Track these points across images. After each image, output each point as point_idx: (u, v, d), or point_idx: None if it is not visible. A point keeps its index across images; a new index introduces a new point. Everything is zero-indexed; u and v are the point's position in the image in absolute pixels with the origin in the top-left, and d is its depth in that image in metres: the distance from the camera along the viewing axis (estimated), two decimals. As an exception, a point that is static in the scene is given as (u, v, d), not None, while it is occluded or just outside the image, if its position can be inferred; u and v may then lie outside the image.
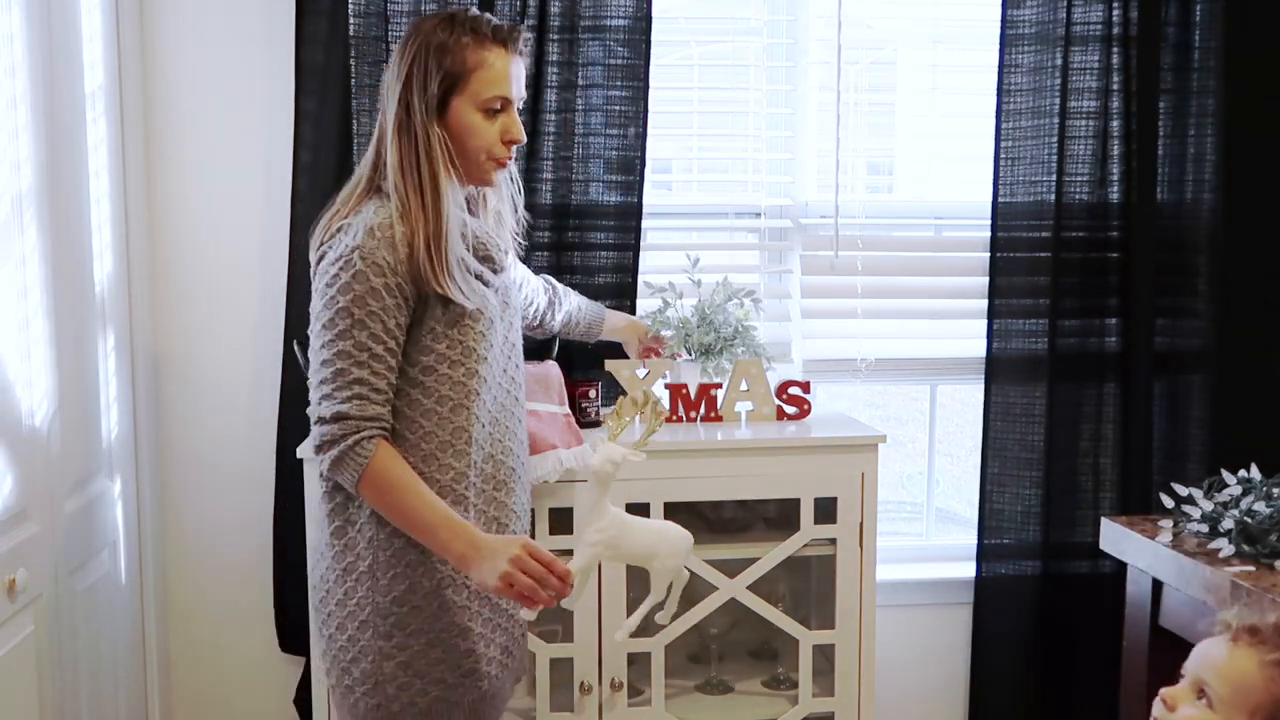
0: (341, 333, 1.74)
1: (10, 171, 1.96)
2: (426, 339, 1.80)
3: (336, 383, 1.74)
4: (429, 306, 1.79)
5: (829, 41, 2.83)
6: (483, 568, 1.71)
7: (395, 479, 1.74)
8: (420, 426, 1.81)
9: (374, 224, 1.76)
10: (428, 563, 1.81)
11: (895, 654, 2.87)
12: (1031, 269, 2.82)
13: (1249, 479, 2.37)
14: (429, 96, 1.81)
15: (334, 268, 1.76)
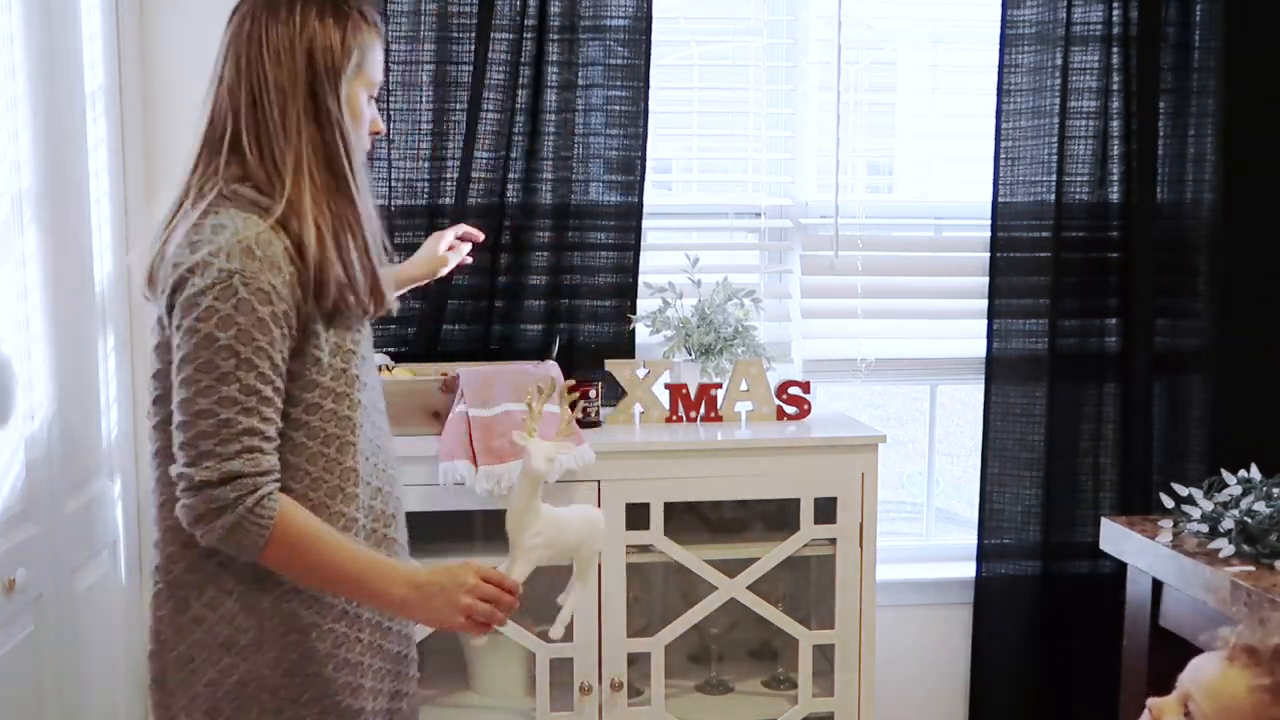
0: (224, 375, 1.47)
1: (10, 171, 1.96)
2: (311, 372, 1.56)
3: (220, 436, 1.46)
4: (311, 335, 1.55)
5: (829, 41, 2.83)
6: (433, 606, 1.56)
7: (309, 534, 1.51)
8: (306, 474, 1.57)
9: (249, 239, 1.49)
10: (323, 625, 1.60)
11: (895, 654, 2.87)
12: (1031, 269, 2.82)
13: (1249, 479, 2.37)
14: (335, 75, 1.57)
15: (207, 297, 1.47)
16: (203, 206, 1.54)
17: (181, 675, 1.59)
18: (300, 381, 1.55)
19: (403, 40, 2.59)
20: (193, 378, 1.48)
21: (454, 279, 2.61)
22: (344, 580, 1.55)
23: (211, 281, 1.48)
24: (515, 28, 2.57)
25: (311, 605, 1.59)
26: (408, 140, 2.61)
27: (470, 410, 2.26)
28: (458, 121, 2.61)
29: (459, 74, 2.60)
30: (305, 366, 1.56)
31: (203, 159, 1.58)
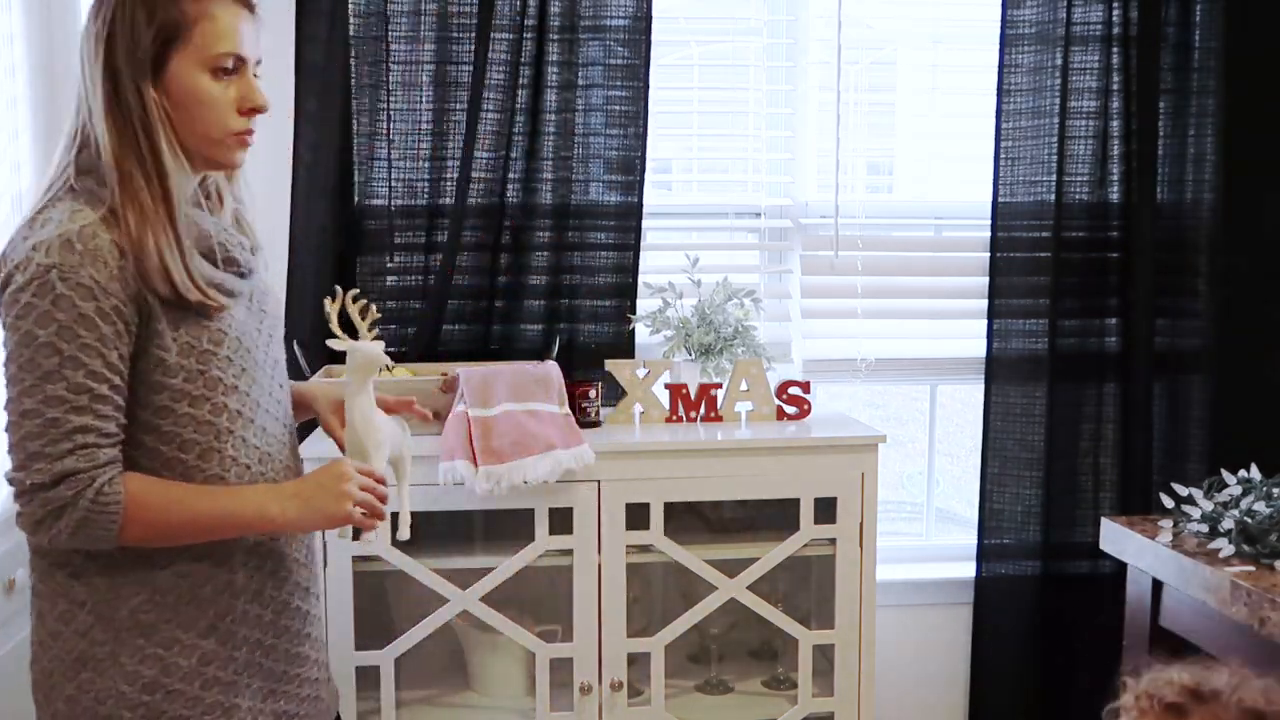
0: (48, 374, 1.39)
1: (10, 171, 1.96)
2: (156, 374, 1.48)
3: (48, 437, 1.39)
4: (154, 334, 1.47)
5: (829, 41, 2.83)
6: (317, 505, 1.53)
7: (164, 498, 1.46)
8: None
9: (70, 233, 1.42)
10: (186, 639, 1.52)
11: (895, 654, 2.87)
12: (1031, 269, 2.82)
13: (1249, 479, 2.37)
14: (141, 55, 1.46)
15: (25, 293, 1.40)
16: (45, 200, 1.48)
17: (44, 690, 1.54)
18: (148, 382, 1.48)
19: (403, 40, 2.59)
20: (16, 377, 1.42)
21: (454, 279, 2.62)
22: (219, 523, 1.50)
23: (30, 277, 1.41)
24: (515, 28, 2.57)
25: (172, 619, 1.52)
26: (408, 140, 2.61)
27: (470, 410, 2.26)
28: (458, 121, 2.61)
29: (459, 74, 2.60)
30: (150, 366, 1.48)
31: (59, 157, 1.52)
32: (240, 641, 1.58)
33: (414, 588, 2.32)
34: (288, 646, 1.65)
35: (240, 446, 1.55)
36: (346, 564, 2.26)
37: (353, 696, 2.29)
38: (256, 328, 1.61)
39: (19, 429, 1.41)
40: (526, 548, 2.30)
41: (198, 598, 1.54)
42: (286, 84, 2.58)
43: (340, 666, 2.26)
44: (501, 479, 2.19)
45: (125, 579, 1.50)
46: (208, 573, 1.54)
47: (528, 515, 2.30)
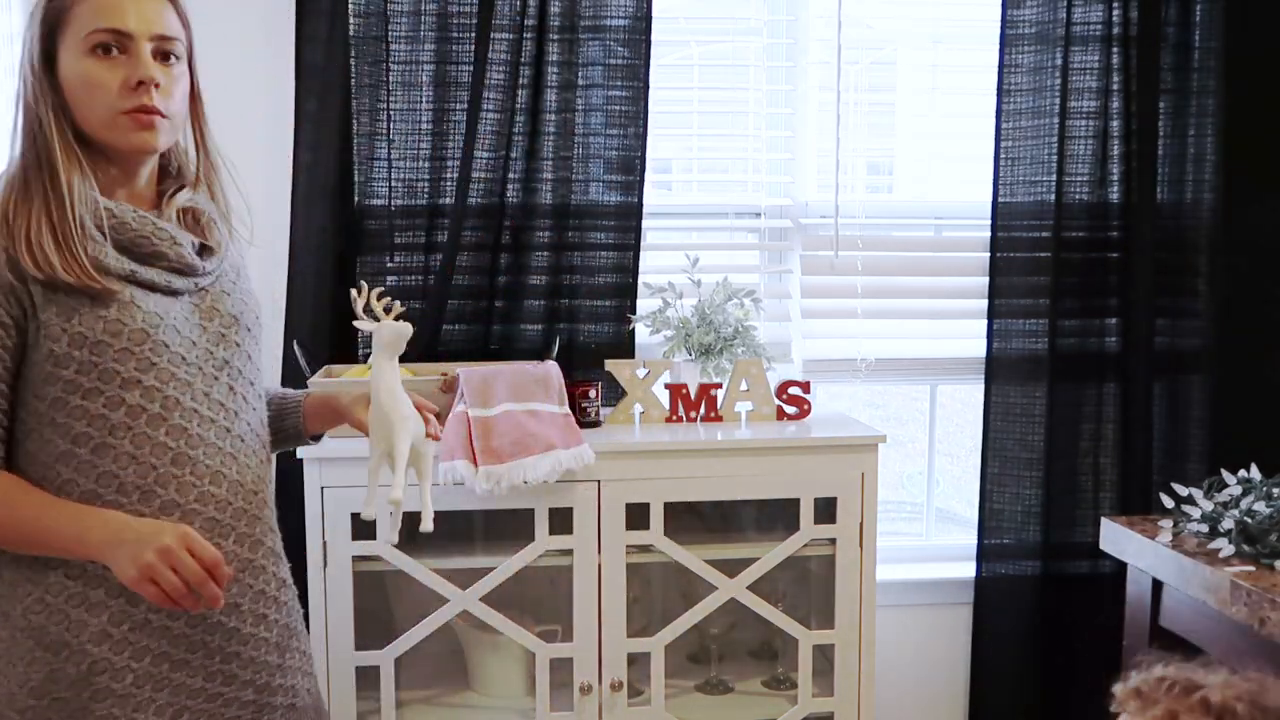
0: None
1: (10, 171, 1.96)
2: (47, 365, 1.46)
3: None
4: (41, 325, 1.46)
5: (829, 41, 2.83)
6: (121, 554, 1.42)
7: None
8: (58, 475, 1.48)
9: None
10: (75, 644, 1.46)
11: (895, 654, 2.87)
12: (1031, 269, 2.82)
13: (1249, 479, 2.37)
14: (33, 47, 1.49)
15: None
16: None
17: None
18: (41, 374, 1.46)
19: (403, 40, 2.59)
20: None
21: (454, 279, 2.62)
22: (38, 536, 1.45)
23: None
24: (515, 28, 2.57)
25: (63, 622, 1.46)
26: (408, 140, 2.61)
27: (470, 410, 2.26)
28: (458, 121, 2.61)
29: (459, 74, 2.60)
30: (41, 358, 1.46)
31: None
32: (144, 651, 1.50)
33: (414, 588, 2.32)
34: (206, 662, 1.56)
35: (144, 443, 1.49)
36: (346, 564, 2.26)
37: (353, 696, 2.29)
38: (199, 325, 1.57)
39: None
40: (526, 548, 2.30)
41: (89, 601, 1.48)
42: (286, 84, 2.58)
43: (340, 666, 2.27)
44: (501, 479, 2.19)
45: (20, 576, 1.48)
46: (103, 574, 1.47)
47: (528, 515, 2.30)
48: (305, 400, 1.83)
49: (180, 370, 1.54)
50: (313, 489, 2.24)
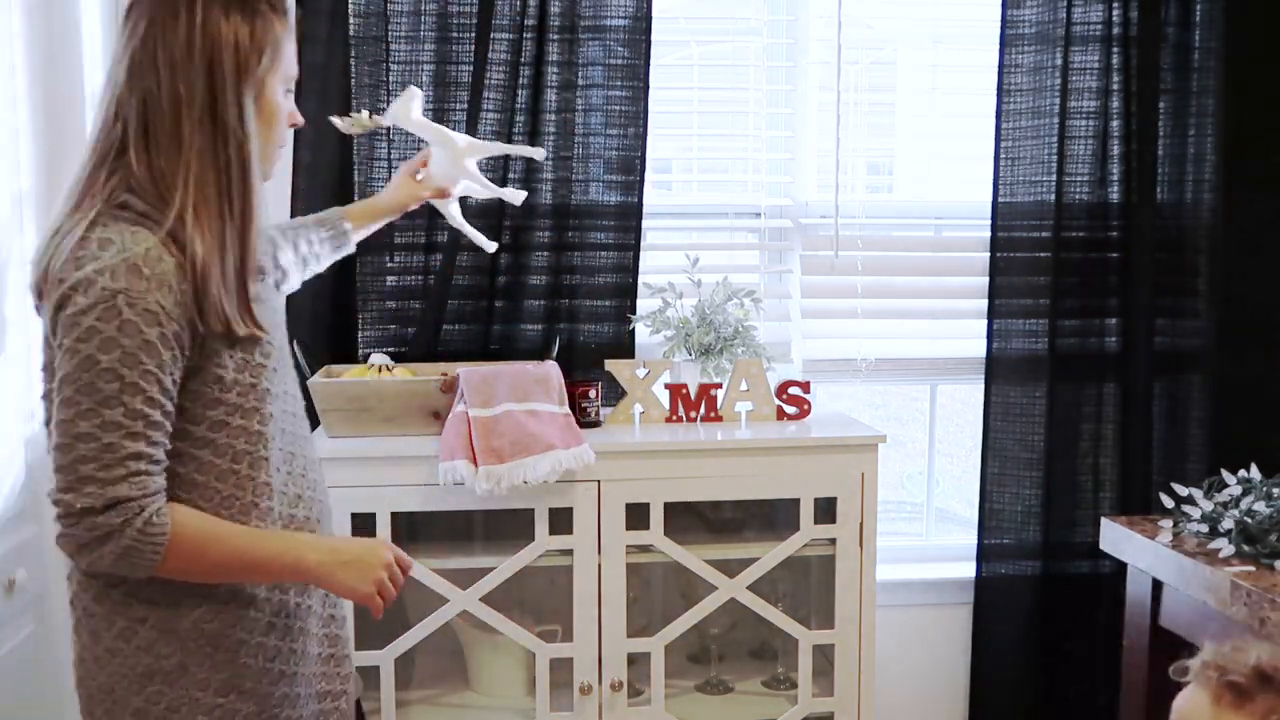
0: (107, 399, 1.39)
1: (10, 171, 1.96)
2: (214, 390, 1.49)
3: (103, 460, 1.38)
4: (211, 352, 1.48)
5: (829, 41, 2.83)
6: (346, 574, 1.55)
7: (206, 532, 1.47)
8: (216, 492, 1.51)
9: (135, 256, 1.40)
10: (250, 641, 1.56)
11: (895, 654, 2.87)
12: (1031, 269, 2.82)
13: (1249, 479, 2.37)
14: (248, 72, 1.48)
15: (88, 317, 1.39)
16: (90, 217, 1.44)
17: (106, 705, 1.52)
18: (203, 400, 1.48)
19: (403, 40, 2.59)
20: (73, 399, 1.39)
21: (454, 279, 2.62)
22: (255, 566, 1.51)
23: (94, 301, 1.39)
24: (515, 28, 2.57)
25: (236, 623, 1.54)
26: (408, 140, 2.60)
27: (470, 410, 2.26)
28: (458, 122, 2.61)
29: (459, 74, 2.60)
30: (207, 384, 1.48)
31: (93, 167, 1.48)
32: (296, 633, 1.61)
33: (414, 588, 2.32)
34: (330, 630, 1.71)
35: (275, 452, 1.57)
36: (346, 564, 2.26)
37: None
38: (281, 331, 1.63)
39: (70, 451, 1.39)
40: (526, 548, 2.30)
41: (256, 600, 1.56)
42: (286, 84, 2.58)
43: (340, 666, 2.26)
44: (501, 479, 2.19)
45: (183, 592, 1.51)
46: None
47: (528, 515, 2.30)
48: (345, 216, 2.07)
49: (282, 378, 1.60)
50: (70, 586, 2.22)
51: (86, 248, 1.42)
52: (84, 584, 1.53)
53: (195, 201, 1.45)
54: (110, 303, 1.39)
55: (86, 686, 1.55)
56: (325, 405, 2.31)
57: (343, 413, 2.31)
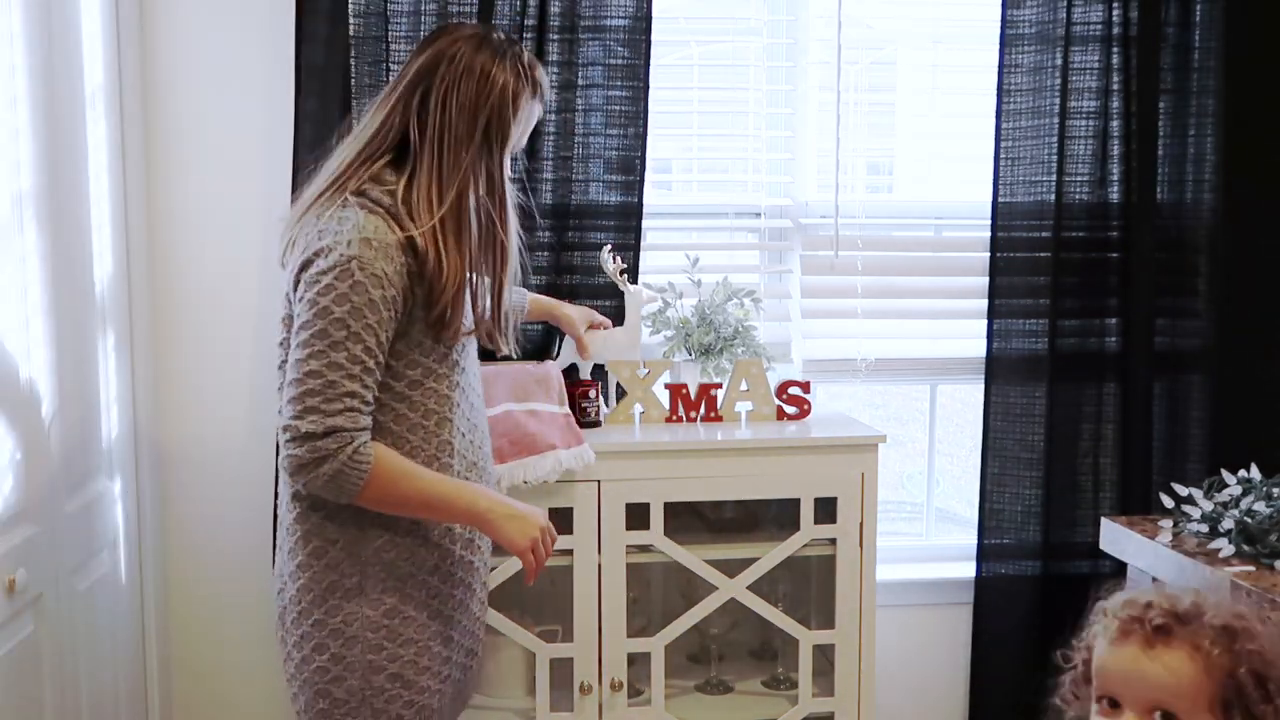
0: (335, 344, 1.67)
1: (10, 171, 1.96)
2: (415, 353, 1.77)
3: (326, 395, 1.66)
4: (414, 320, 1.76)
5: (829, 41, 2.83)
6: (512, 526, 1.79)
7: (400, 468, 1.72)
8: (406, 442, 1.77)
9: (368, 231, 1.70)
10: (418, 576, 1.80)
11: (895, 654, 2.87)
12: (1031, 269, 2.82)
13: (1249, 479, 2.37)
14: (511, 138, 1.83)
15: (327, 276, 1.68)
16: (338, 202, 1.73)
17: (293, 614, 1.79)
18: (405, 360, 1.75)
19: (403, 40, 2.59)
20: (307, 342, 1.67)
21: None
22: (436, 502, 1.75)
23: (333, 264, 1.67)
24: (515, 28, 2.57)
25: (409, 557, 1.78)
26: (408, 140, 2.60)
27: (470, 410, 2.26)
28: (458, 121, 2.60)
29: (459, 74, 2.60)
30: (410, 347, 1.75)
31: (357, 162, 1.78)
32: (456, 583, 1.85)
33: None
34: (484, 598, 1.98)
35: (460, 417, 1.82)
36: (346, 564, 2.26)
37: (353, 696, 2.29)
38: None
39: (301, 385, 1.67)
40: (526, 548, 2.30)
41: (428, 541, 1.80)
42: (287, 84, 2.58)
43: (340, 666, 2.26)
44: (502, 479, 2.20)
45: (370, 522, 1.75)
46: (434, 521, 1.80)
47: (528, 515, 2.30)
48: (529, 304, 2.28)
49: (472, 357, 1.89)
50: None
51: (328, 223, 1.71)
52: (289, 506, 1.80)
53: (452, 226, 1.75)
54: (345, 266, 1.67)
55: (282, 597, 1.83)
56: (325, 405, 2.31)
57: (343, 413, 2.31)
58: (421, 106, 1.78)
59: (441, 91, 1.77)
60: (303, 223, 1.78)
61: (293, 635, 1.81)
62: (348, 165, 1.80)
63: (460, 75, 1.77)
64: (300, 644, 1.79)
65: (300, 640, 1.79)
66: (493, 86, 1.78)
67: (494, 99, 1.78)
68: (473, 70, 1.77)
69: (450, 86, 1.77)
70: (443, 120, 1.76)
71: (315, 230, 1.73)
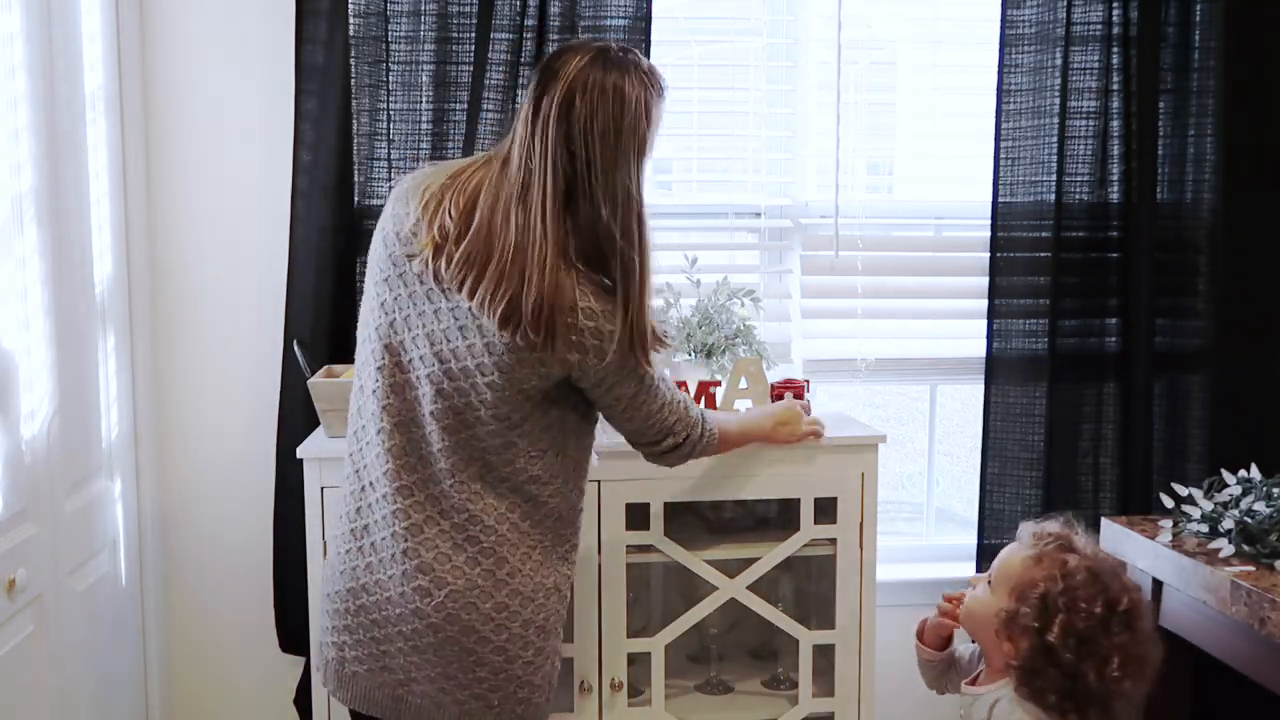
0: (658, 387, 1.90)
1: (10, 172, 1.96)
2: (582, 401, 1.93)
3: (680, 413, 1.95)
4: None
5: (829, 41, 2.83)
6: (783, 430, 2.27)
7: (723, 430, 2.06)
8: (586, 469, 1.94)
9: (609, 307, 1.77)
10: (565, 586, 1.91)
11: (895, 654, 2.86)
12: (1031, 269, 2.83)
13: (1249, 479, 2.37)
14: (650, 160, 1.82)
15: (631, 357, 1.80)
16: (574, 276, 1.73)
17: (503, 617, 1.81)
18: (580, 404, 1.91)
19: (403, 40, 2.59)
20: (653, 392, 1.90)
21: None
22: (738, 439, 2.16)
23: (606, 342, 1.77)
24: (515, 28, 2.58)
25: (568, 566, 1.91)
26: (408, 140, 2.61)
27: (470, 410, 2.26)
28: (458, 121, 2.61)
29: (459, 74, 2.60)
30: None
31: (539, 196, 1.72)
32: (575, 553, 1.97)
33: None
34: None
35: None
36: (346, 564, 2.26)
37: (353, 696, 2.29)
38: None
39: (671, 416, 1.93)
40: (526, 548, 2.30)
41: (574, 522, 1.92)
42: (287, 84, 2.58)
43: (340, 666, 2.26)
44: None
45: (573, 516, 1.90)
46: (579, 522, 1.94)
47: (528, 515, 2.30)
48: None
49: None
50: (313, 489, 2.25)
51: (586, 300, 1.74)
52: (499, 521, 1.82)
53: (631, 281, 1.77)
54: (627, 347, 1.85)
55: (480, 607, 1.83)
56: (325, 405, 2.31)
57: (343, 413, 2.30)
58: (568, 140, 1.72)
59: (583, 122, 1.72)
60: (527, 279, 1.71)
61: (501, 635, 1.83)
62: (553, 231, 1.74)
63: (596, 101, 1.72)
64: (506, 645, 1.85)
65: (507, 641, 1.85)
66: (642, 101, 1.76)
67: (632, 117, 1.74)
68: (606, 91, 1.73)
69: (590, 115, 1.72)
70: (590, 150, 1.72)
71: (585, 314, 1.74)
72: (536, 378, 1.76)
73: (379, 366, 1.80)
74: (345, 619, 1.85)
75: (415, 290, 1.78)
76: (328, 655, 1.89)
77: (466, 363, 1.75)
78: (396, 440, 1.79)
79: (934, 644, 2.05)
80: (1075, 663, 1.71)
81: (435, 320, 1.77)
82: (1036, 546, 1.86)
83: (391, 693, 1.83)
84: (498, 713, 1.83)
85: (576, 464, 1.89)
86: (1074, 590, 1.76)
